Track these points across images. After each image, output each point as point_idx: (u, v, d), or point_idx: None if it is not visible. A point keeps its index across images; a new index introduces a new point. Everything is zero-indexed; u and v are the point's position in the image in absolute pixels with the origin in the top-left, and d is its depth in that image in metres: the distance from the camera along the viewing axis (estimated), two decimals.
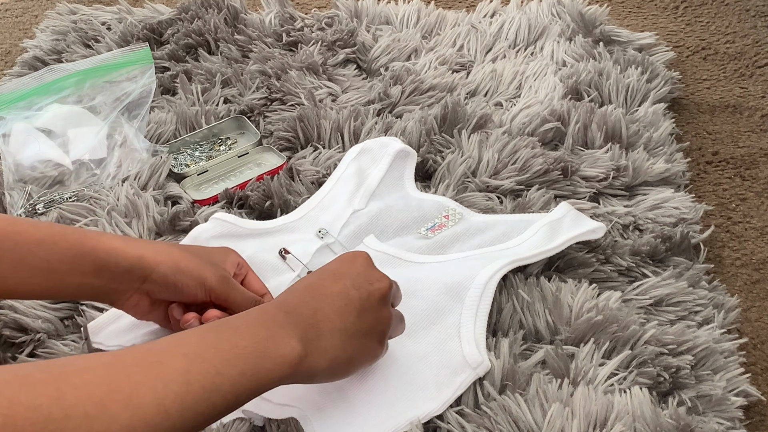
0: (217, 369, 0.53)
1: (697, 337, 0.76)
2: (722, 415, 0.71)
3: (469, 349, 0.72)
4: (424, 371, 0.71)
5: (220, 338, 0.55)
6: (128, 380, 0.49)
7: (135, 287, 0.69)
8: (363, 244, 0.85)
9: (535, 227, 0.84)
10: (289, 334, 0.58)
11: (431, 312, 0.75)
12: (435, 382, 0.70)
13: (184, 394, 0.51)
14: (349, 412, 0.68)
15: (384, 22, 1.28)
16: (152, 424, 0.49)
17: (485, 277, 0.76)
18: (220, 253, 0.76)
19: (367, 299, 0.64)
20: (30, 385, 0.46)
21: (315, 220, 0.89)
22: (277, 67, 1.12)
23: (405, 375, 0.71)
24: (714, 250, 0.92)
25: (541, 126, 1.02)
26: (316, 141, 1.02)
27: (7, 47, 1.30)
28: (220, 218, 0.88)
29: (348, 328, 0.62)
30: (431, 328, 0.75)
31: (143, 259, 0.69)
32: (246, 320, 0.59)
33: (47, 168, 0.97)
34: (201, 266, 0.70)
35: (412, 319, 0.75)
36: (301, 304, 0.62)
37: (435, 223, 0.88)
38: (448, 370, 0.71)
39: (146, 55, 1.08)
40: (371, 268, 0.68)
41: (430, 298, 0.76)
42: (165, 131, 1.05)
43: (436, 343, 0.73)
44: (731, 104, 1.14)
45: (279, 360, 0.57)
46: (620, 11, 1.37)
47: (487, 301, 0.75)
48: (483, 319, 0.75)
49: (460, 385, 0.70)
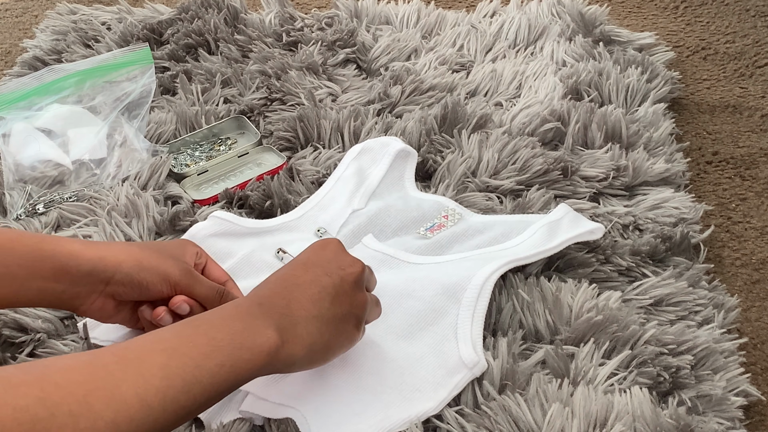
0: (195, 362, 0.54)
1: (697, 337, 0.76)
2: (722, 415, 0.71)
3: (465, 349, 0.72)
4: (420, 372, 0.71)
5: (196, 333, 0.57)
6: (110, 377, 0.50)
7: (99, 290, 0.69)
8: (361, 243, 0.85)
9: (534, 228, 0.84)
10: (263, 324, 0.59)
11: (428, 313, 0.75)
12: (432, 383, 0.70)
13: (165, 388, 0.52)
14: (345, 412, 0.68)
15: (384, 22, 1.28)
16: (136, 419, 0.50)
17: (482, 277, 0.76)
18: (178, 246, 0.75)
19: (340, 284, 0.65)
20: (14, 386, 0.47)
21: (314, 220, 0.89)
22: (277, 67, 1.12)
23: (401, 375, 0.71)
24: (714, 250, 0.92)
25: (541, 126, 1.02)
26: (316, 141, 1.02)
27: (7, 47, 1.30)
28: (218, 216, 0.88)
29: (323, 315, 0.63)
30: (428, 329, 0.74)
31: (104, 260, 0.68)
32: (221, 314, 0.60)
33: (47, 168, 0.97)
34: (163, 262, 0.70)
35: (408, 320, 0.75)
36: (273, 295, 0.63)
37: (434, 223, 0.88)
38: (445, 370, 0.71)
39: (146, 55, 1.08)
40: (342, 254, 0.68)
41: (427, 299, 0.76)
42: (165, 131, 1.05)
43: (433, 344, 0.73)
44: (731, 104, 1.14)
45: (256, 350, 0.58)
46: (620, 11, 1.37)
47: (483, 302, 0.75)
48: (480, 320, 0.74)
49: (456, 385, 0.70)
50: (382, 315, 0.73)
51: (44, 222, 0.91)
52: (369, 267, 0.70)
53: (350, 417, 0.68)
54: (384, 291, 0.77)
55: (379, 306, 0.71)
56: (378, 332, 0.74)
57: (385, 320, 0.75)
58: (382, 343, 0.73)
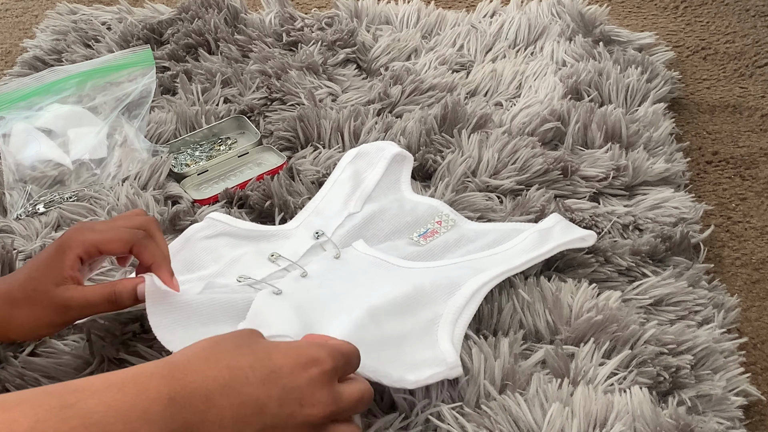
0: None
1: (697, 336, 0.76)
2: (722, 415, 0.71)
3: (445, 346, 0.71)
4: (400, 345, 0.71)
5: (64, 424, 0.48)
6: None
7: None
8: (352, 247, 0.85)
9: (525, 235, 0.84)
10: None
11: (416, 298, 0.75)
12: (409, 362, 0.69)
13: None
14: None
15: (384, 22, 1.28)
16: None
17: (472, 287, 0.76)
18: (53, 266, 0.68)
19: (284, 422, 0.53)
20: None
21: (311, 226, 0.88)
22: (277, 66, 1.13)
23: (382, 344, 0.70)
24: (714, 249, 0.92)
25: (541, 126, 1.02)
26: (316, 141, 1.02)
27: (8, 47, 1.30)
28: (214, 218, 0.88)
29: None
30: (412, 315, 0.74)
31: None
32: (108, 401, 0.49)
33: (47, 168, 0.97)
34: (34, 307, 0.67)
35: (395, 300, 0.74)
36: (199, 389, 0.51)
37: (428, 229, 0.88)
38: (422, 357, 0.70)
39: (147, 56, 1.08)
40: (320, 388, 0.55)
41: (417, 286, 0.76)
42: (165, 131, 1.05)
43: (414, 328, 0.73)
44: (731, 104, 1.14)
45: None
46: (620, 11, 1.37)
47: (469, 312, 0.75)
48: (462, 329, 0.74)
49: (432, 376, 0.68)
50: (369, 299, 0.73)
51: (44, 222, 0.91)
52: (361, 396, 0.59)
53: None
54: (372, 288, 0.77)
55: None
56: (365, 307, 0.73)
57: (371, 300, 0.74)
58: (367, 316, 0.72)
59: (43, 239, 0.88)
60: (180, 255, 0.85)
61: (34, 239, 0.89)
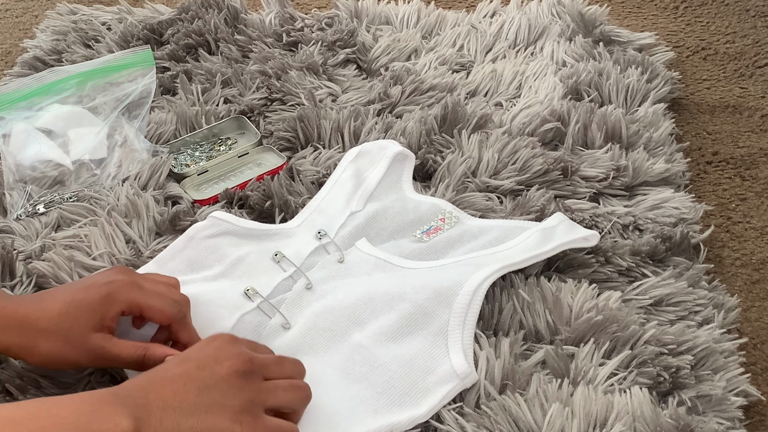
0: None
1: (697, 337, 0.76)
2: (722, 415, 0.71)
3: (457, 358, 0.72)
4: (410, 374, 0.71)
5: (39, 407, 0.56)
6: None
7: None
8: (355, 247, 0.85)
9: (528, 233, 0.84)
10: (114, 411, 0.58)
11: (419, 316, 0.75)
12: (421, 388, 0.70)
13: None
14: (332, 420, 0.68)
15: (384, 22, 1.28)
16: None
17: (474, 283, 0.76)
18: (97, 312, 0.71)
19: (211, 377, 0.63)
20: None
21: (313, 224, 0.88)
22: (277, 67, 1.13)
23: (390, 380, 0.71)
24: (714, 250, 0.92)
25: (541, 126, 1.02)
26: (316, 141, 1.02)
27: (8, 47, 1.30)
28: (217, 217, 0.88)
29: (183, 407, 0.61)
30: (418, 332, 0.74)
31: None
32: (71, 396, 0.59)
33: (47, 168, 0.97)
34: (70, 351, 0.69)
35: (399, 322, 0.75)
36: (134, 387, 0.61)
37: (431, 226, 0.88)
38: (435, 377, 0.71)
39: (148, 57, 1.08)
40: (226, 347, 0.65)
41: (419, 303, 0.76)
42: (165, 131, 1.05)
43: (422, 348, 0.73)
44: (731, 104, 1.14)
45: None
46: (620, 11, 1.37)
47: (475, 309, 0.75)
48: (471, 328, 0.74)
49: (446, 395, 0.70)
50: (373, 317, 0.73)
51: (44, 222, 0.91)
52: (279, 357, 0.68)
53: (338, 420, 0.68)
54: (375, 292, 0.77)
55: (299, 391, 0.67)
56: (368, 335, 0.74)
57: (376, 322, 0.75)
58: (371, 346, 0.73)
59: (43, 239, 0.88)
60: (183, 254, 0.85)
61: (34, 239, 0.89)
